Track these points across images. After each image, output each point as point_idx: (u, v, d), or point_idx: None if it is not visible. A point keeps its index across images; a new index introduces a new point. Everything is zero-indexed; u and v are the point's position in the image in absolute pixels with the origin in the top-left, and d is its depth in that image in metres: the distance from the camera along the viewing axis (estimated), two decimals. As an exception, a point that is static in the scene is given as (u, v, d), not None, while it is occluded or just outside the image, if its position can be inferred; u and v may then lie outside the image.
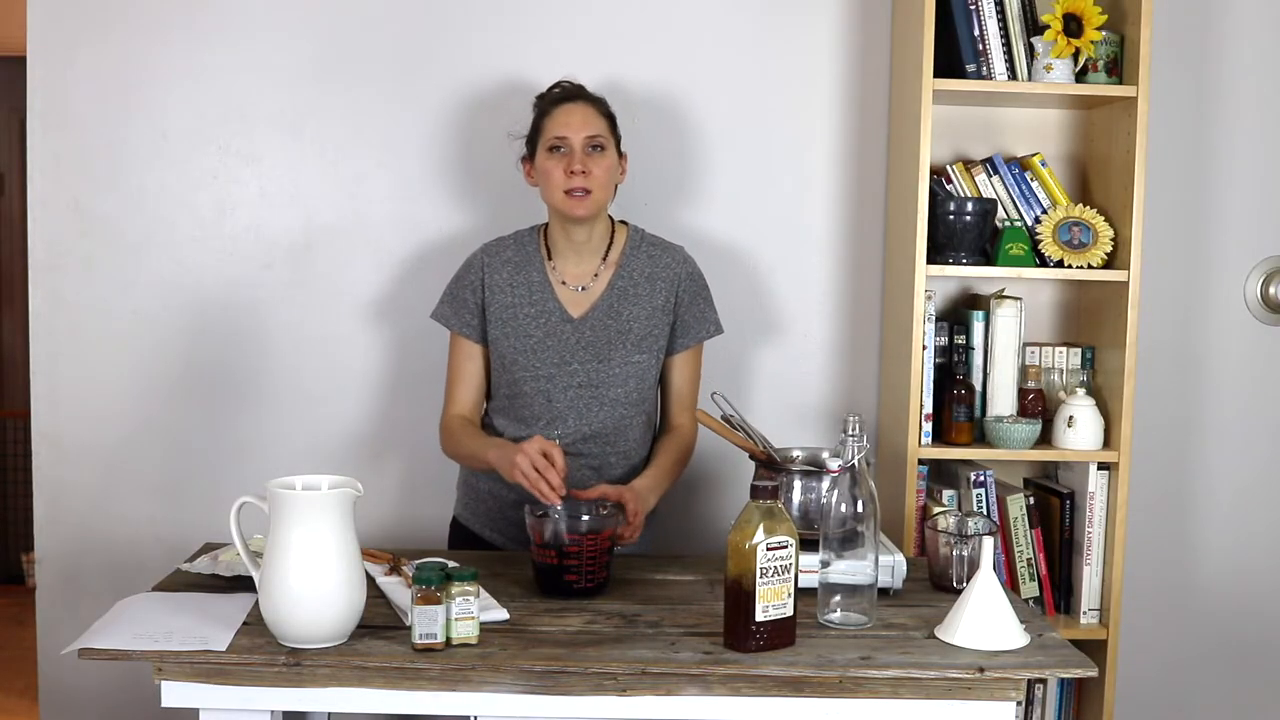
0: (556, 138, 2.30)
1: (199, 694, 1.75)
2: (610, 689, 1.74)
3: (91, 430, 2.82)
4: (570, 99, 2.35)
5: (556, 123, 2.31)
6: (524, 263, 2.39)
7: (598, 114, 2.34)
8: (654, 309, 2.37)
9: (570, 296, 2.37)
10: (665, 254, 2.42)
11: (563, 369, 2.33)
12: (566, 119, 2.31)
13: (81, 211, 2.79)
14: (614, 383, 2.34)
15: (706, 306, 2.44)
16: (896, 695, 1.74)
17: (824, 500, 1.95)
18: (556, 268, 2.38)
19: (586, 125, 2.31)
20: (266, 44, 2.78)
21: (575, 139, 2.29)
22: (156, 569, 2.48)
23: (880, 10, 2.85)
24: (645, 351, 2.35)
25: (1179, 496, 3.02)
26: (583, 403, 2.33)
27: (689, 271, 2.42)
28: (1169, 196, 2.92)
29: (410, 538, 2.81)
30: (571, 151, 2.29)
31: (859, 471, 1.90)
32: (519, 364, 2.34)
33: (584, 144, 2.30)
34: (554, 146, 2.30)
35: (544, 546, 2.00)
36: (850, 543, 1.90)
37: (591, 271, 2.38)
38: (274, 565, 1.74)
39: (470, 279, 2.40)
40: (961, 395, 2.70)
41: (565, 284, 2.37)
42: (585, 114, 2.32)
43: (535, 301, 2.36)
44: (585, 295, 2.37)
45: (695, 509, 2.87)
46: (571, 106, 2.33)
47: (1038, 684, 2.77)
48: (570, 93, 2.37)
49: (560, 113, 2.32)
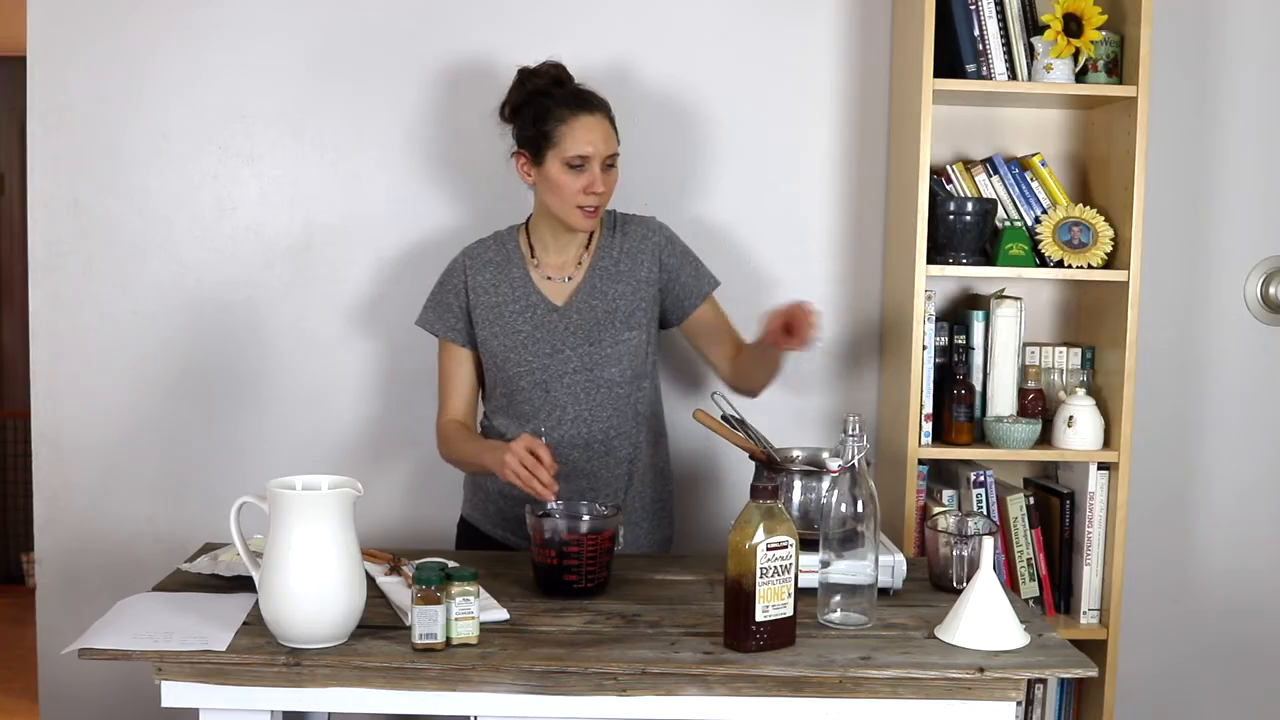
0: (579, 156, 2.26)
1: (199, 694, 1.75)
2: (610, 689, 1.74)
3: (91, 430, 2.82)
4: (587, 109, 2.29)
5: (578, 139, 2.26)
6: (505, 261, 2.40)
7: (611, 126, 2.32)
8: (638, 282, 2.38)
9: (554, 288, 2.38)
10: (639, 227, 2.43)
11: (556, 358, 2.34)
12: (589, 136, 2.27)
13: (81, 211, 2.79)
14: (608, 363, 2.34)
15: (696, 264, 2.45)
16: (896, 695, 1.74)
17: (824, 500, 1.95)
18: (540, 263, 2.40)
19: (607, 143, 2.29)
20: (266, 44, 2.78)
21: (596, 159, 2.27)
22: (156, 569, 2.47)
23: (880, 10, 2.85)
24: (635, 328, 2.36)
25: (1179, 496, 3.02)
26: (580, 388, 2.34)
27: (666, 236, 2.43)
28: (1169, 196, 2.92)
29: (415, 538, 2.81)
30: (593, 171, 2.27)
31: (859, 472, 1.90)
32: (511, 360, 2.35)
33: (602, 162, 2.29)
34: (574, 165, 2.27)
35: (544, 546, 2.00)
36: (850, 542, 1.90)
37: (574, 261, 2.39)
38: (274, 565, 1.74)
39: (453, 283, 2.41)
40: (961, 395, 2.70)
41: (550, 278, 2.39)
42: (605, 130, 2.30)
43: (519, 297, 2.37)
44: (569, 285, 2.39)
45: (695, 509, 2.87)
46: (591, 121, 2.28)
47: (1038, 684, 2.77)
48: (583, 98, 2.31)
49: (581, 127, 2.27)
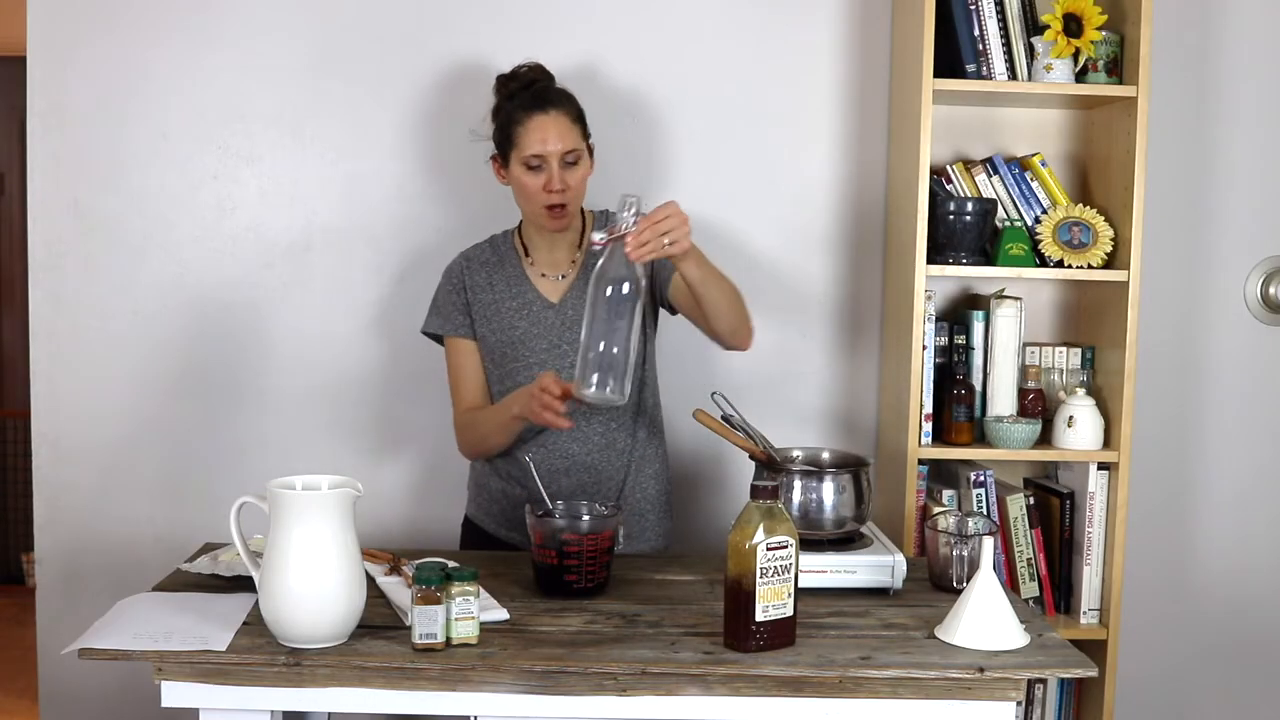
0: (533, 155, 2.25)
1: (199, 694, 1.75)
2: (610, 689, 1.74)
3: (91, 430, 2.82)
4: (541, 107, 2.27)
5: (532, 137, 2.25)
6: (500, 262, 2.41)
7: (570, 121, 2.28)
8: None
9: (549, 286, 2.39)
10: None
11: (553, 354, 2.35)
12: (542, 134, 2.25)
13: (81, 211, 2.79)
14: None
15: None
16: (896, 695, 1.74)
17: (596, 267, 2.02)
18: (534, 262, 2.40)
19: (562, 139, 2.25)
20: (266, 44, 2.78)
21: (552, 157, 2.25)
22: (156, 569, 2.47)
23: (880, 10, 2.85)
24: None
25: (1179, 496, 3.02)
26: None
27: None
28: (1169, 196, 2.92)
29: (416, 538, 2.81)
30: (549, 169, 2.25)
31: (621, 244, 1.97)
32: (509, 356, 2.36)
33: (560, 159, 2.26)
34: (531, 165, 2.26)
35: (544, 546, 2.00)
36: None
37: (568, 259, 2.39)
38: (274, 565, 1.74)
39: (452, 284, 2.43)
40: (961, 395, 2.70)
41: (544, 276, 2.39)
42: (559, 126, 2.26)
43: (516, 295, 2.38)
44: (563, 282, 2.39)
45: (695, 509, 2.87)
46: (545, 119, 2.26)
47: (1038, 684, 2.77)
48: (541, 97, 2.29)
49: (534, 125, 2.25)
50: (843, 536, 2.15)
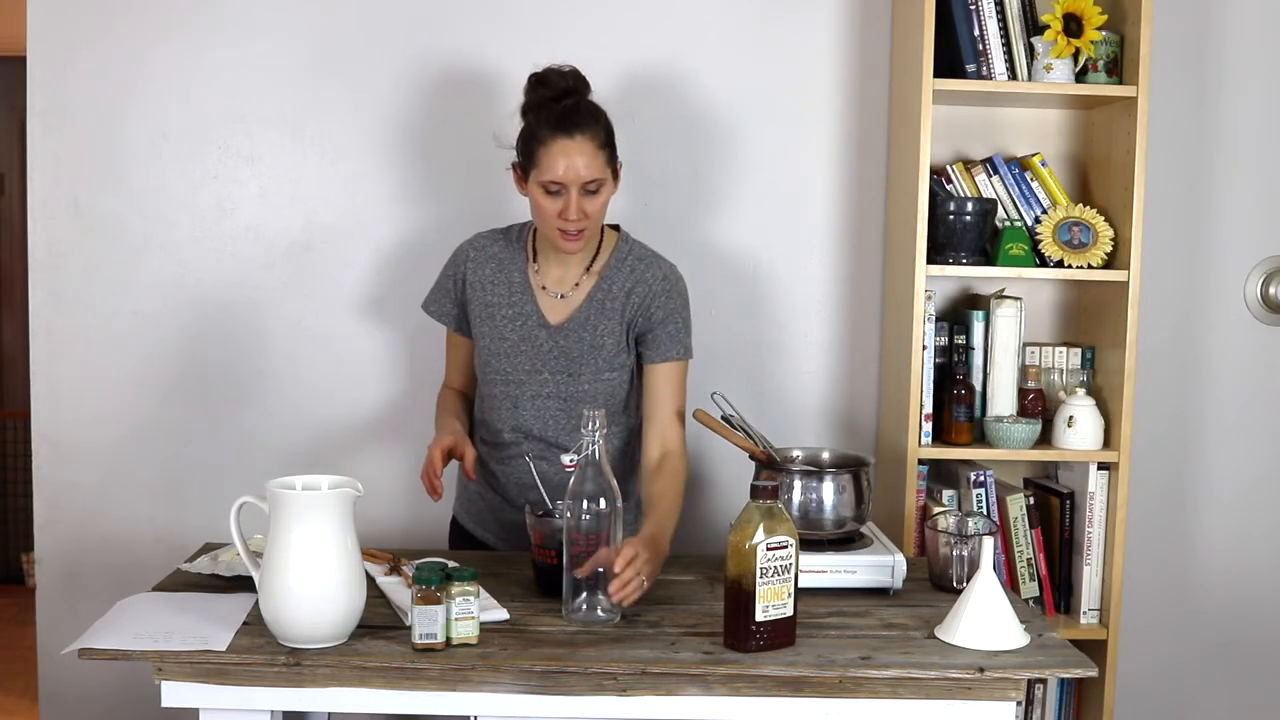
0: (553, 182, 2.13)
1: (199, 694, 1.75)
2: (610, 689, 1.74)
3: (91, 430, 2.82)
4: (567, 130, 2.12)
5: (554, 164, 2.12)
6: (508, 261, 2.33)
7: (596, 148, 2.14)
8: (626, 325, 2.28)
9: (550, 303, 2.30)
10: (649, 269, 2.28)
11: (534, 377, 2.28)
12: (566, 160, 2.11)
13: (81, 211, 2.79)
14: (583, 399, 2.26)
15: (680, 328, 2.28)
16: (896, 695, 1.75)
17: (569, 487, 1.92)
18: (540, 271, 2.31)
19: (589, 168, 2.12)
20: (266, 44, 2.78)
21: (574, 186, 2.13)
22: (156, 569, 2.47)
23: (880, 10, 2.85)
24: (617, 369, 2.28)
25: (1179, 496, 3.02)
26: (549, 414, 2.29)
27: (666, 289, 2.27)
28: (1169, 196, 2.92)
29: (415, 538, 2.81)
30: (568, 197, 2.14)
31: (599, 461, 1.91)
32: (491, 365, 2.31)
33: (581, 188, 2.14)
34: (550, 190, 2.14)
35: (544, 546, 2.00)
36: None
37: (574, 279, 2.29)
38: (274, 565, 1.74)
39: (454, 271, 2.37)
40: (961, 395, 2.70)
41: (545, 289, 2.30)
42: (584, 154, 2.12)
43: (514, 304, 2.31)
44: (564, 303, 2.29)
45: (695, 509, 2.87)
46: (570, 145, 2.11)
47: (1038, 684, 2.77)
48: (568, 119, 2.14)
49: (558, 150, 2.12)
50: (843, 536, 2.15)
